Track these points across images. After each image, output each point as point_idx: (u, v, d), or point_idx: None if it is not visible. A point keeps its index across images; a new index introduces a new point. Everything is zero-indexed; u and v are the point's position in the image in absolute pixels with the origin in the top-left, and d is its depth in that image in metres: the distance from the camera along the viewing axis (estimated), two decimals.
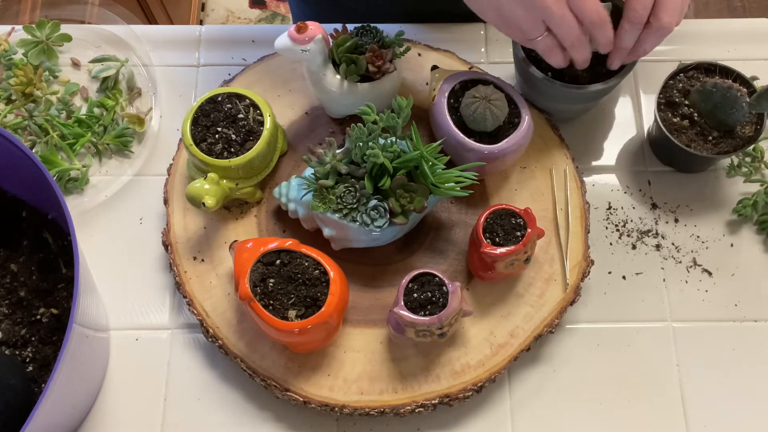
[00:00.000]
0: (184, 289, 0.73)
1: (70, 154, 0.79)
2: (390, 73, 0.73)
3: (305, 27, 0.70)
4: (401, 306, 0.64)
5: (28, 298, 0.72)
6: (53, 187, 0.61)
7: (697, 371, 0.73)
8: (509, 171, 0.78)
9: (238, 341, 0.71)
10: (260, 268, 0.65)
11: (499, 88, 0.73)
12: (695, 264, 0.77)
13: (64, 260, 0.73)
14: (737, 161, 0.79)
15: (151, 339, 0.74)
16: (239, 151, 0.71)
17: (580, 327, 0.74)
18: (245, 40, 0.88)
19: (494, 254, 0.66)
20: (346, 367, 0.70)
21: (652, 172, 0.81)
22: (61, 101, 0.83)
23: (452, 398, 0.69)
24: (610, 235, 0.78)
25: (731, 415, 0.71)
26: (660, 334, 0.74)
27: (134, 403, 0.72)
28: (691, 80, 0.78)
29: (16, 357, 0.69)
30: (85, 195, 0.79)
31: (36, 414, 0.53)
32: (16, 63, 0.83)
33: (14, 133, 0.80)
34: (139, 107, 0.84)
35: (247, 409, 0.71)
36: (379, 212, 0.66)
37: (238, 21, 1.99)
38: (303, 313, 0.64)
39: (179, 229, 0.75)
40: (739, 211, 0.78)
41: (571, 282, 0.73)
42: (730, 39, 0.87)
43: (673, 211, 0.79)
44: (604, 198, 0.80)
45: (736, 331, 0.74)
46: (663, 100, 0.77)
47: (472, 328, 0.71)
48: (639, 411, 0.71)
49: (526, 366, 0.73)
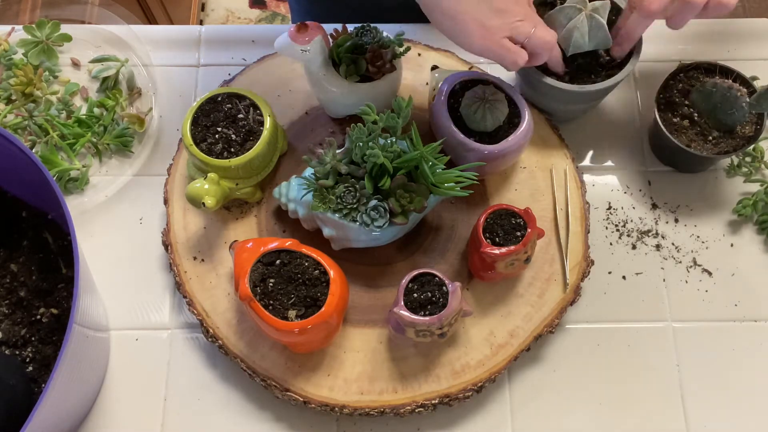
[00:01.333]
0: (184, 289, 0.73)
1: (70, 154, 0.79)
2: (390, 73, 0.73)
3: (305, 27, 0.70)
4: (401, 306, 0.64)
5: (28, 298, 0.72)
6: (53, 187, 0.61)
7: (697, 371, 0.73)
8: (509, 171, 0.78)
9: (238, 341, 0.71)
10: (260, 268, 0.65)
11: (499, 88, 0.72)
12: (695, 264, 0.77)
13: (64, 260, 0.73)
14: (737, 161, 0.79)
15: (151, 339, 0.74)
16: (239, 151, 0.71)
17: (580, 327, 0.74)
18: (245, 40, 0.88)
19: (494, 254, 0.66)
20: (346, 367, 0.70)
21: (652, 172, 0.81)
22: (61, 101, 0.83)
23: (452, 398, 0.69)
24: (610, 235, 0.78)
25: (731, 415, 0.71)
26: (660, 334, 0.74)
27: (134, 403, 0.71)
28: (691, 80, 0.78)
29: (16, 357, 0.69)
30: (85, 195, 0.79)
31: (36, 414, 0.53)
32: (16, 63, 0.84)
33: (14, 133, 0.80)
34: (139, 107, 0.84)
35: (247, 409, 0.71)
36: (379, 212, 0.66)
37: (238, 21, 1.99)
38: (303, 313, 0.64)
39: (179, 229, 0.75)
40: (739, 211, 0.78)
41: (571, 282, 0.73)
42: (730, 39, 0.87)
43: (673, 211, 0.79)
44: (604, 198, 0.80)
45: (736, 331, 0.74)
46: (663, 100, 0.77)
47: (472, 328, 0.71)
48: (639, 411, 0.71)
49: (526, 366, 0.73)
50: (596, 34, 0.72)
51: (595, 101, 0.80)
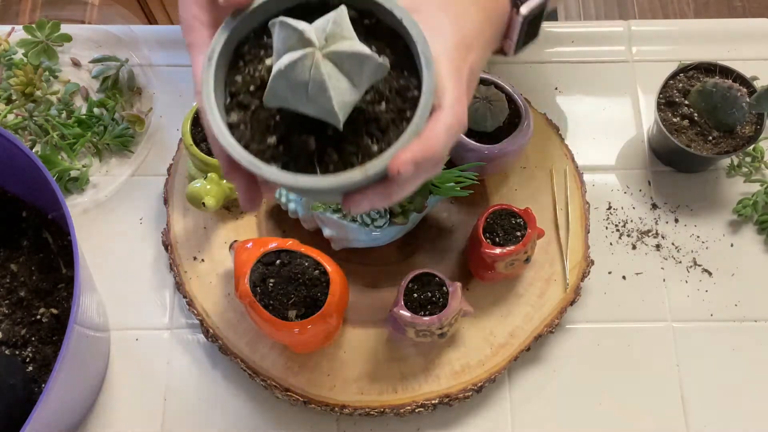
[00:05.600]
0: (184, 289, 0.73)
1: (70, 154, 0.79)
2: None
3: None
4: (401, 306, 0.64)
5: (28, 298, 0.72)
6: (53, 187, 0.61)
7: (697, 371, 0.73)
8: (509, 171, 0.78)
9: (238, 341, 0.71)
10: (260, 268, 0.65)
11: (499, 88, 0.72)
12: (695, 264, 0.77)
13: (64, 260, 0.73)
14: (737, 161, 0.79)
15: (151, 339, 0.74)
16: None
17: (580, 327, 0.74)
18: None
19: (494, 254, 0.66)
20: (346, 367, 0.70)
21: (652, 172, 0.81)
22: (61, 101, 0.83)
23: (452, 398, 0.69)
24: (610, 235, 0.78)
25: (731, 415, 0.71)
26: (660, 334, 0.74)
27: (134, 403, 0.71)
28: (691, 80, 0.78)
29: (16, 357, 0.69)
30: (85, 195, 0.79)
31: (36, 414, 0.53)
32: (16, 63, 0.83)
33: (14, 133, 0.80)
34: (139, 107, 0.84)
35: (247, 409, 0.71)
36: (379, 212, 0.66)
37: None
38: (303, 313, 0.64)
39: (179, 229, 0.75)
40: (739, 211, 0.78)
41: (571, 282, 0.73)
42: (730, 39, 0.87)
43: (673, 211, 0.79)
44: (604, 198, 0.80)
45: (736, 331, 0.74)
46: (663, 100, 0.77)
47: (472, 328, 0.71)
48: (639, 411, 0.71)
49: (526, 366, 0.73)
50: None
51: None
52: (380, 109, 0.43)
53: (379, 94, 0.43)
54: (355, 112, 0.42)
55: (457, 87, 0.45)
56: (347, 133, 0.42)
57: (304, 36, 0.39)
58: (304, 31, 0.39)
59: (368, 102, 0.43)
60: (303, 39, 0.40)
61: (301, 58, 0.39)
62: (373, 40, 0.45)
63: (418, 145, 0.41)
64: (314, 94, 0.40)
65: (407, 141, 0.41)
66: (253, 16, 0.45)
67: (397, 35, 0.45)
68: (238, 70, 0.45)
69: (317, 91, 0.40)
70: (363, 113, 0.43)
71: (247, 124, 0.44)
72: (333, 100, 0.40)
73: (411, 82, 0.44)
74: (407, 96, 0.43)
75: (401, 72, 0.44)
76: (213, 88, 0.43)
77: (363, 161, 0.42)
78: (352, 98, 0.41)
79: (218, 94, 0.44)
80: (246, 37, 0.46)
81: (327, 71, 0.39)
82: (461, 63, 0.47)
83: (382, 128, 0.43)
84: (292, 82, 0.40)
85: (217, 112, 0.43)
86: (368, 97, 0.43)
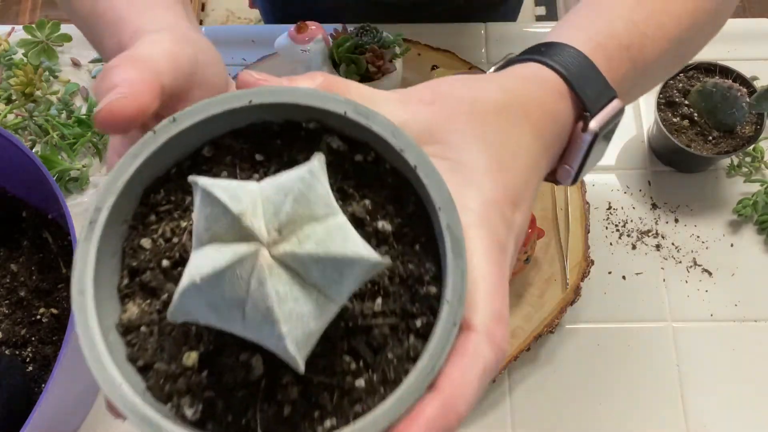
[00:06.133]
0: None
1: (70, 154, 0.79)
2: (390, 73, 0.73)
3: (305, 27, 0.70)
4: None
5: (28, 298, 0.72)
6: (53, 187, 0.61)
7: (697, 371, 0.73)
8: None
9: None
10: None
11: None
12: (695, 264, 0.77)
13: (64, 260, 0.73)
14: (737, 161, 0.79)
15: None
16: None
17: (580, 327, 0.74)
18: (245, 40, 0.88)
19: None
20: None
21: (652, 172, 0.81)
22: (61, 101, 0.82)
23: None
24: (610, 235, 0.78)
25: (731, 415, 0.71)
26: (660, 334, 0.74)
27: None
28: (691, 80, 0.78)
29: (16, 357, 0.69)
30: (85, 195, 0.79)
31: (36, 414, 0.53)
32: (16, 63, 0.83)
33: (14, 133, 0.80)
34: None
35: None
36: None
37: (238, 21, 1.99)
38: None
39: None
40: (739, 211, 0.78)
41: (571, 282, 0.73)
42: (730, 39, 0.87)
43: (673, 211, 0.79)
44: (604, 198, 0.80)
45: (736, 331, 0.74)
46: (663, 100, 0.77)
47: None
48: (639, 411, 0.71)
49: (526, 366, 0.73)
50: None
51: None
52: (373, 310, 0.28)
53: (372, 284, 0.28)
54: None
55: (499, 284, 0.28)
56: (317, 351, 0.26)
57: (242, 224, 0.24)
58: (242, 215, 0.24)
59: (355, 296, 0.28)
60: (239, 228, 0.24)
61: (235, 263, 0.23)
62: (366, 189, 0.29)
63: (435, 408, 0.25)
64: (255, 322, 0.24)
65: (417, 392, 0.25)
66: (176, 142, 0.29)
67: (406, 181, 0.29)
68: (145, 230, 0.29)
69: (260, 319, 0.24)
70: (345, 315, 0.27)
71: (152, 325, 0.28)
72: (285, 338, 0.24)
73: (425, 266, 0.28)
74: (418, 292, 0.28)
75: (411, 246, 0.28)
76: (93, 265, 0.27)
77: (339, 408, 0.26)
78: (322, 323, 0.25)
79: (105, 270, 0.27)
80: (165, 174, 0.30)
81: (277, 289, 0.23)
82: (506, 235, 0.30)
83: (374, 344, 0.27)
84: (215, 301, 0.24)
85: (92, 306, 0.26)
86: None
